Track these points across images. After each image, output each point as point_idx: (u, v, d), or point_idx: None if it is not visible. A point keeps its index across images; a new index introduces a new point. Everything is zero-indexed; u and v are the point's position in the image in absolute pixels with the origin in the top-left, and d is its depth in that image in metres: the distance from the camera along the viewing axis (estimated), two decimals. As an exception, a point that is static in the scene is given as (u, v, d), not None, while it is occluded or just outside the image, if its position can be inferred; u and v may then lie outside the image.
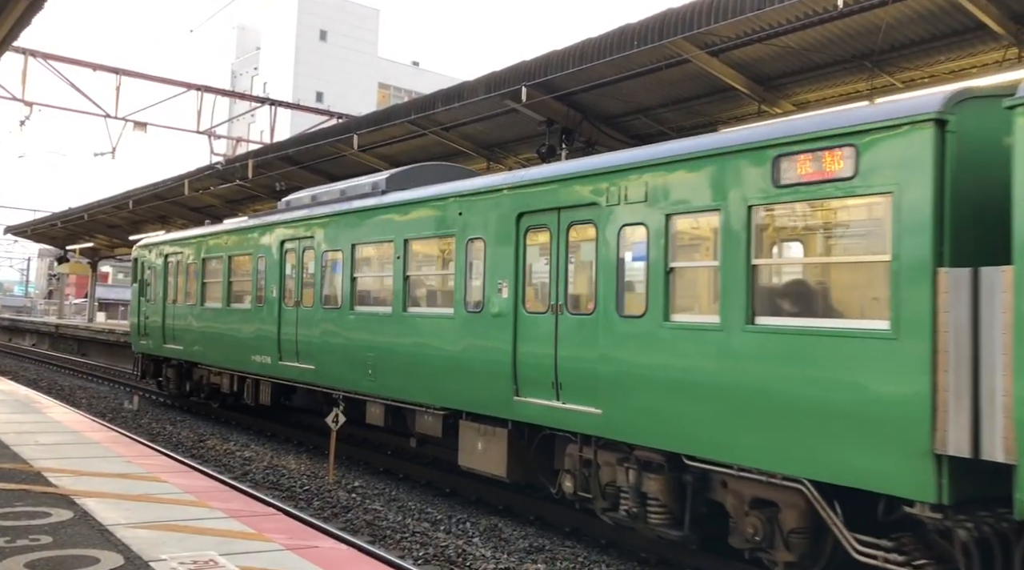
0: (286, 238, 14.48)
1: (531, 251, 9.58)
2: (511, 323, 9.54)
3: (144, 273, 21.09)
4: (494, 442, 9.89)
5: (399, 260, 11.47)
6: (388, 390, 11.65)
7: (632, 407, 8.09)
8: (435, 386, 10.69)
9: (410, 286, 11.51)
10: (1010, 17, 10.10)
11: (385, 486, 12.23)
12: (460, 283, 10.39)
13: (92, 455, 9.49)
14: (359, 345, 12.20)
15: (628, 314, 8.25)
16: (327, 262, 13.35)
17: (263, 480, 12.41)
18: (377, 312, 11.97)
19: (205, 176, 24.98)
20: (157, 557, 5.59)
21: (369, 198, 12.63)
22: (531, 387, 9.28)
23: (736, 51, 11.92)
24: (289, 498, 11.28)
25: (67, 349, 41.30)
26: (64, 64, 21.29)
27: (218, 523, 6.66)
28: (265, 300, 14.94)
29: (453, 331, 10.42)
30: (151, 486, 7.96)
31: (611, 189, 8.49)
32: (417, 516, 10.53)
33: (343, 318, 12.68)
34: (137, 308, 21.37)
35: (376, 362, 11.78)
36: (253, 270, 15.49)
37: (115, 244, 43.81)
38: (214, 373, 17.50)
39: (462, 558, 8.75)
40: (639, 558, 8.98)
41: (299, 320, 13.87)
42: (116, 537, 6.04)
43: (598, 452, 8.69)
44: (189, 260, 18.40)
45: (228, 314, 16.41)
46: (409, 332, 11.24)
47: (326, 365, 13.03)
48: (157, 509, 6.98)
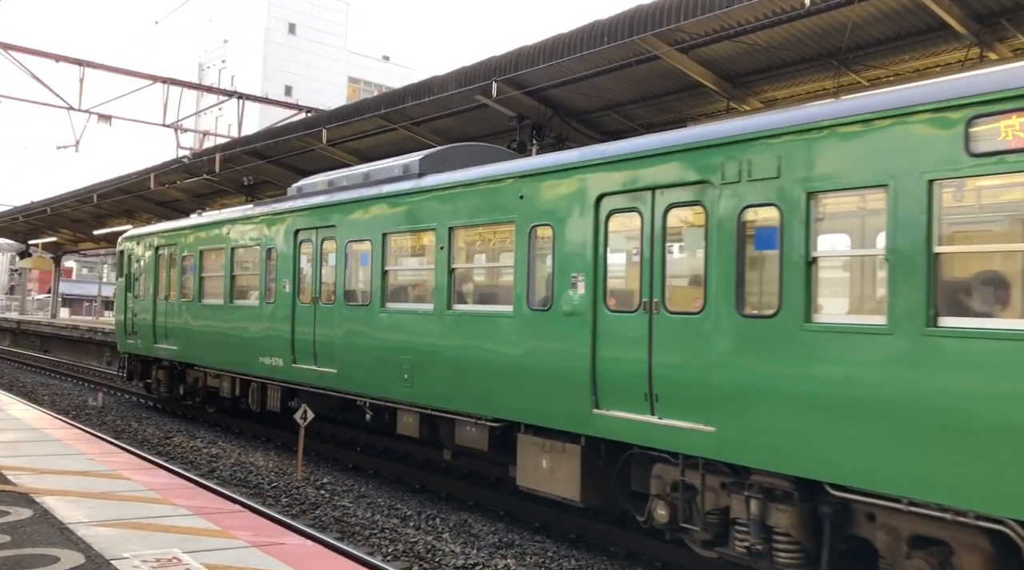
0: (301, 227, 13.00)
1: (615, 239, 8.20)
2: (589, 323, 8.18)
3: (131, 267, 19.51)
4: (563, 460, 8.59)
5: (442, 251, 10.08)
6: (427, 398, 10.31)
7: (760, 426, 6.70)
8: (487, 394, 9.38)
9: (456, 280, 10.18)
10: (972, 17, 10.27)
11: (354, 482, 12.16)
12: (521, 277, 9.05)
13: (53, 453, 9.32)
14: (392, 347, 10.79)
15: (753, 313, 6.87)
16: (351, 254, 11.96)
17: (230, 477, 12.28)
18: (415, 310, 10.60)
19: (171, 170, 24.62)
20: (119, 555, 5.50)
21: (402, 182, 11.18)
22: (616, 398, 7.95)
23: (705, 48, 11.98)
24: (256, 495, 11.17)
25: (29, 346, 40.55)
26: (26, 55, 20.86)
27: (182, 520, 6.58)
28: (276, 296, 13.50)
29: (512, 332, 9.09)
30: (114, 483, 7.84)
31: (727, 164, 7.10)
32: (386, 512, 10.48)
33: (372, 316, 11.25)
34: (124, 305, 19.73)
35: (413, 366, 10.40)
36: (261, 263, 13.98)
37: (79, 239, 43.09)
38: (212, 376, 16.09)
39: (431, 554, 8.73)
40: (608, 552, 9.02)
41: (317, 318, 12.45)
42: (77, 535, 5.94)
43: (705, 476, 7.35)
44: (184, 252, 16.84)
45: (230, 311, 14.91)
46: (455, 332, 9.89)
47: (351, 369, 11.63)
48: (120, 507, 6.88)
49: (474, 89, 14.07)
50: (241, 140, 21.73)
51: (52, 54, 21.03)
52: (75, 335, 35.19)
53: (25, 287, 57.70)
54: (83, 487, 7.54)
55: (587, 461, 8.43)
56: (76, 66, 21.29)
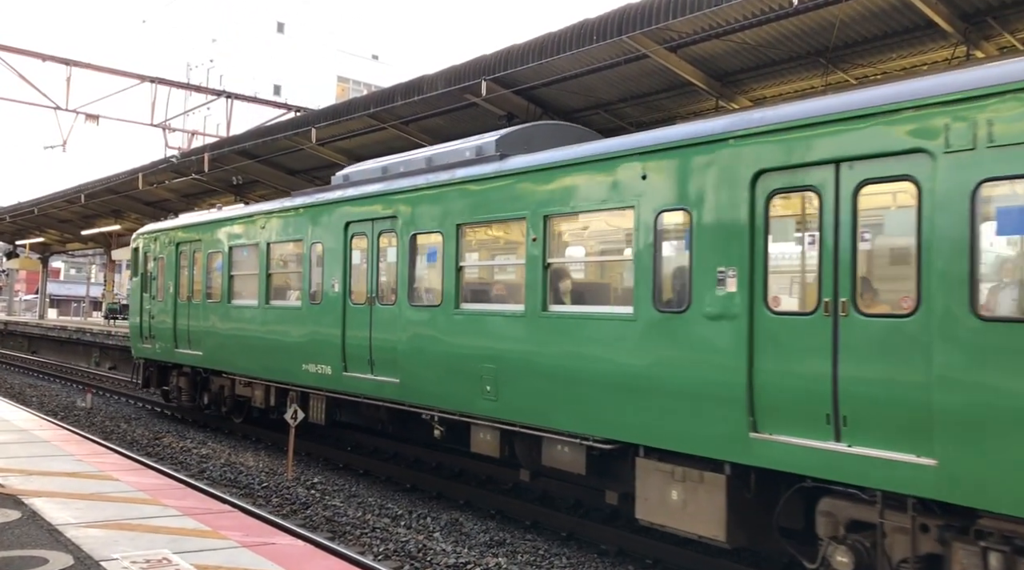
0: (353, 219, 11.57)
1: (777, 226, 6.82)
2: (743, 328, 6.79)
3: (148, 265, 17.88)
4: (701, 493, 7.23)
5: (536, 242, 8.77)
6: (515, 412, 8.99)
7: (1011, 459, 5.36)
8: (595, 411, 8.04)
9: (553, 277, 8.79)
10: (959, 16, 10.33)
11: (345, 482, 12.14)
12: (644, 272, 7.67)
13: (41, 454, 9.27)
14: (471, 354, 9.45)
15: (1000, 316, 5.52)
16: (417, 248, 10.58)
17: (220, 478, 12.24)
18: (500, 312, 9.29)
19: (160, 170, 24.51)
20: (108, 556, 5.48)
21: (479, 165, 9.83)
22: (782, 420, 6.58)
23: (694, 47, 12.01)
24: (247, 495, 11.14)
25: (17, 346, 40.30)
26: (12, 54, 20.73)
27: (172, 521, 6.55)
28: (322, 297, 12.07)
29: (631, 338, 7.72)
30: (103, 484, 7.80)
31: (954, 126, 5.71)
32: (377, 512, 10.47)
33: (445, 319, 9.88)
34: (139, 306, 18.12)
35: (498, 376, 9.09)
36: (304, 260, 12.56)
37: (66, 239, 42.85)
38: (242, 384, 14.68)
39: (423, 553, 8.73)
40: (599, 550, 9.04)
41: (374, 322, 11.03)
42: (66, 537, 5.91)
43: (916, 519, 6.02)
44: (210, 249, 15.33)
45: (266, 314, 13.46)
46: (553, 338, 8.55)
47: (417, 379, 10.27)
48: (109, 508, 6.85)
49: (464, 88, 14.07)
50: (229, 139, 21.65)
51: (39, 53, 20.92)
52: (63, 336, 34.99)
53: (12, 288, 57.35)
54: (72, 488, 7.50)
55: (734, 493, 7.06)
56: (63, 65, 21.18)
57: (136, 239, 18.79)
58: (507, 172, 9.34)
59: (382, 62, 70.52)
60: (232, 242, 14.66)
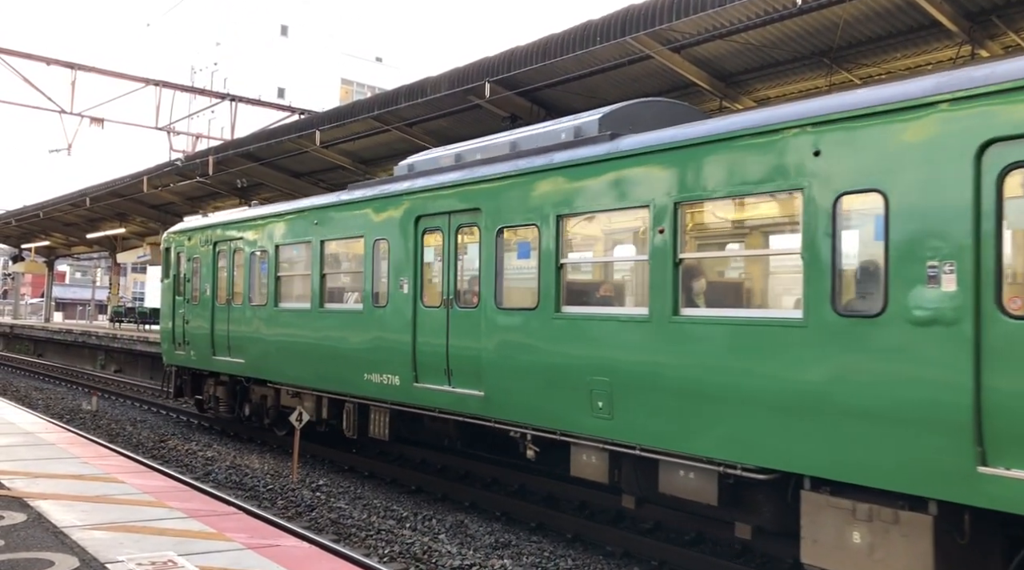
0: (426, 213, 10.34)
1: (1015, 209, 5.57)
2: (966, 335, 5.53)
3: (181, 266, 16.62)
4: (897, 536, 5.95)
5: (662, 235, 7.50)
6: (635, 433, 7.77)
7: None
8: (748, 433, 6.80)
9: (685, 276, 7.49)
10: (963, 15, 10.31)
11: (350, 484, 12.14)
12: (818, 268, 6.36)
13: (47, 456, 9.29)
14: (576, 364, 8.25)
15: None
16: (504, 243, 9.34)
17: (225, 480, 12.25)
18: (616, 316, 8.05)
19: (164, 173, 24.59)
20: (114, 558, 5.48)
21: (583, 147, 8.56)
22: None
23: (698, 47, 12.01)
24: (252, 497, 11.15)
25: (23, 350, 40.42)
26: (17, 58, 20.80)
27: (177, 523, 6.56)
28: (389, 299, 10.83)
29: (801, 347, 6.44)
30: (108, 487, 7.81)
31: None
32: (382, 514, 10.47)
33: (542, 324, 8.66)
34: (171, 310, 16.88)
35: (614, 391, 7.87)
36: (366, 259, 11.29)
37: (72, 242, 42.98)
38: (289, 394, 13.45)
39: (428, 555, 8.72)
40: (604, 551, 9.02)
41: (452, 327, 9.84)
42: (71, 539, 5.92)
43: None
44: (254, 248, 14.07)
45: (320, 318, 12.20)
46: (688, 348, 7.30)
47: (507, 392, 9.05)
48: (114, 510, 6.85)
49: (467, 89, 14.08)
50: (234, 142, 21.71)
51: (43, 57, 20.99)
52: (68, 339, 35.08)
53: (19, 291, 57.54)
54: (77, 491, 7.51)
55: (942, 539, 5.81)
56: (68, 69, 21.24)
57: (167, 239, 17.47)
58: (623, 154, 7.98)
59: (386, 64, 70.65)
60: (280, 240, 13.38)
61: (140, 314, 40.02)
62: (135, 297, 71.33)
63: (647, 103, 9.57)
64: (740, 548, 8.72)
